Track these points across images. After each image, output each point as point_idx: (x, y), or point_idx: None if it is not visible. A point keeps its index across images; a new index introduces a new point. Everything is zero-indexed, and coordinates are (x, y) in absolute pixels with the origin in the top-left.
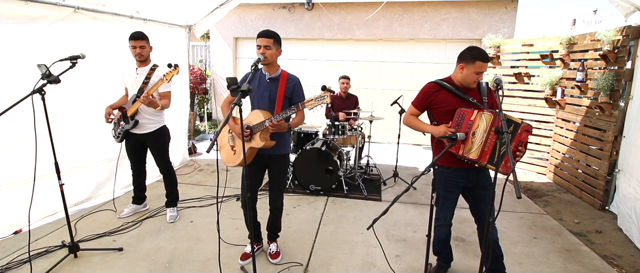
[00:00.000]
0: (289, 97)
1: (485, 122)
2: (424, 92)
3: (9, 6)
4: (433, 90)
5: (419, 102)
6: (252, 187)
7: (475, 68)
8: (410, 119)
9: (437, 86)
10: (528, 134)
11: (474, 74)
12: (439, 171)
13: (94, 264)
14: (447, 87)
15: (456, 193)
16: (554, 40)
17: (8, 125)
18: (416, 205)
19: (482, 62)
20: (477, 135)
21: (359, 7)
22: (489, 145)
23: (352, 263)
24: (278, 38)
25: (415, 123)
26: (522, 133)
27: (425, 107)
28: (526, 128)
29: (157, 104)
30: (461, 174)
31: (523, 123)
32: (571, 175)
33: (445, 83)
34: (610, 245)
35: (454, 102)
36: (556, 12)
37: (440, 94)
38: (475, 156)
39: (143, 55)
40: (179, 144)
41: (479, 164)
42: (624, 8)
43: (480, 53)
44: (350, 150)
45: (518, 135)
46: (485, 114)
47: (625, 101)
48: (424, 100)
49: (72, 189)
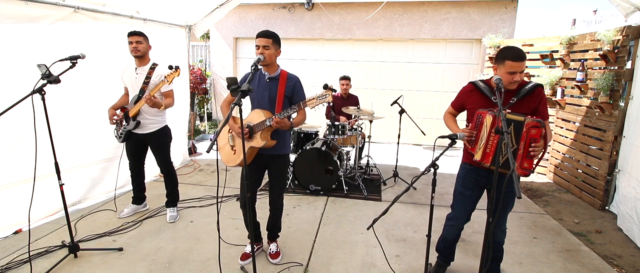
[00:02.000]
0: (289, 96)
1: (487, 123)
2: (461, 92)
3: (9, 6)
4: (467, 90)
5: (455, 102)
6: (251, 187)
7: (506, 68)
8: (445, 117)
9: (473, 87)
10: (538, 131)
11: (507, 75)
12: (461, 167)
13: (94, 264)
14: (480, 88)
15: (473, 191)
16: (554, 40)
17: (8, 125)
18: (416, 205)
19: (512, 62)
20: (482, 136)
21: (359, 7)
22: (490, 147)
23: (352, 263)
24: (277, 38)
25: (447, 122)
26: (529, 130)
27: (460, 107)
28: (532, 124)
29: (160, 104)
30: (482, 173)
31: (526, 120)
32: (571, 175)
33: (480, 83)
34: (610, 245)
35: (481, 104)
36: (556, 12)
37: (472, 94)
38: (478, 157)
39: (139, 50)
40: (179, 144)
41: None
42: (624, 8)
43: (511, 52)
44: (350, 150)
45: (525, 134)
46: (488, 115)
47: (625, 101)
48: (460, 100)
49: (72, 189)
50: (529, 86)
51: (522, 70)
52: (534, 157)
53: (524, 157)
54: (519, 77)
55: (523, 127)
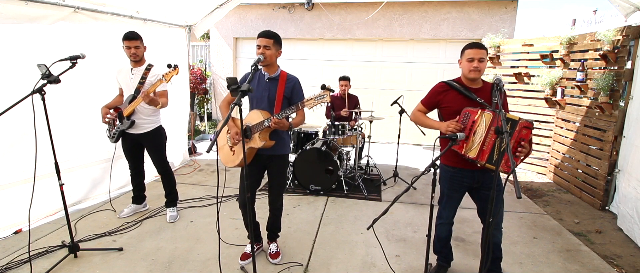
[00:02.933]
0: (288, 97)
1: (485, 121)
2: (433, 91)
3: (9, 6)
4: (442, 89)
5: (427, 100)
6: (251, 187)
7: (465, 56)
8: (417, 115)
9: (446, 86)
10: (529, 131)
11: (467, 62)
12: (444, 170)
13: (94, 264)
14: (455, 87)
15: (460, 193)
16: (554, 40)
17: (8, 125)
18: (416, 205)
19: (470, 49)
20: (477, 134)
21: (359, 7)
22: (487, 145)
23: (352, 263)
24: (278, 38)
25: (422, 119)
26: (521, 130)
27: (433, 105)
28: (524, 125)
29: (157, 102)
30: (466, 174)
31: (520, 120)
32: (571, 175)
33: (454, 83)
34: (610, 245)
35: (461, 102)
36: (556, 12)
37: (448, 93)
38: (473, 155)
39: (138, 55)
40: (179, 144)
41: (480, 163)
42: (624, 8)
43: (470, 43)
44: (350, 150)
45: (516, 133)
46: (485, 113)
47: (625, 101)
48: (432, 98)
49: (72, 189)
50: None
51: (480, 57)
52: (520, 156)
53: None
54: (477, 63)
55: (516, 126)
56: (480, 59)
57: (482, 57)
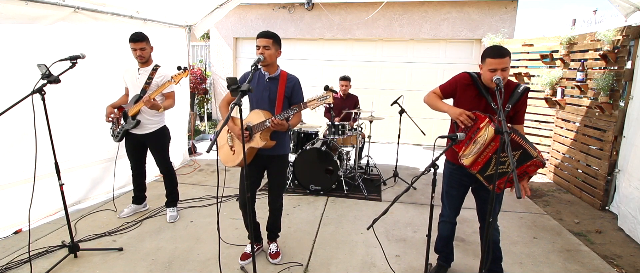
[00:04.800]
0: (288, 97)
1: (487, 134)
2: (455, 80)
3: (9, 6)
4: (464, 82)
5: (446, 87)
6: (250, 187)
7: (486, 66)
8: (431, 97)
9: (470, 80)
10: (536, 169)
11: (488, 72)
12: (445, 166)
13: (94, 264)
14: (477, 84)
15: (459, 191)
16: (554, 40)
17: (8, 125)
18: (416, 205)
19: (491, 59)
20: (477, 143)
21: (359, 7)
22: (483, 158)
23: (352, 263)
24: (278, 39)
25: (434, 101)
26: (530, 166)
27: (450, 94)
28: (537, 163)
29: (159, 107)
30: (466, 173)
31: (536, 158)
32: (571, 175)
33: (478, 80)
34: (610, 245)
35: (475, 103)
36: (556, 12)
37: (469, 88)
38: (467, 163)
39: (144, 57)
40: (179, 144)
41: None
42: (624, 8)
43: (493, 50)
44: (350, 150)
45: (525, 166)
46: (490, 126)
47: (625, 101)
48: (452, 87)
49: (72, 189)
50: (520, 90)
51: (503, 67)
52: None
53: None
54: (500, 74)
55: (528, 161)
56: (503, 68)
57: (506, 67)
